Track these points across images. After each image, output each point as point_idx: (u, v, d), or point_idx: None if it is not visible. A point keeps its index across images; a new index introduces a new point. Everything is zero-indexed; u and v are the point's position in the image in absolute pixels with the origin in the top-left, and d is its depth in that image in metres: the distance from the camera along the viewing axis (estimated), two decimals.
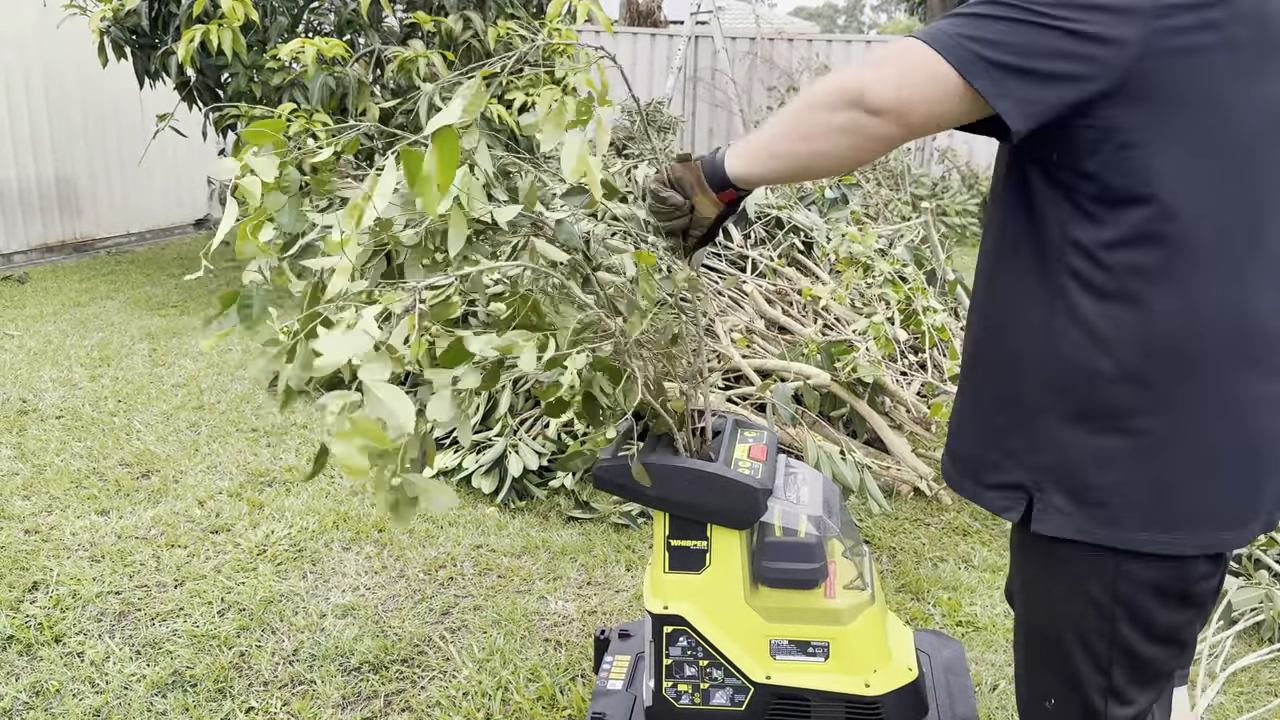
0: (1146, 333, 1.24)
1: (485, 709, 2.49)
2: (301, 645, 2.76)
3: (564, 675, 2.63)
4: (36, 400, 4.63)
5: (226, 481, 3.79)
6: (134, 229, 8.90)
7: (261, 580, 3.08)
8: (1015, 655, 1.51)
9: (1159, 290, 1.22)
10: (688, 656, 1.73)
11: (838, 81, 1.27)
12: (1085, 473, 1.30)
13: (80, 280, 7.26)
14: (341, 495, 3.68)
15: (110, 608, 2.93)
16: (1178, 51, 1.16)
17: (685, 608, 1.71)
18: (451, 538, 3.38)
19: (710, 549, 1.69)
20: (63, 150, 8.08)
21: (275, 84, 6.04)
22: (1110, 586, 1.32)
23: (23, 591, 2.99)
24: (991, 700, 2.57)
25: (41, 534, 3.35)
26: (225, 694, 2.55)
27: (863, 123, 1.24)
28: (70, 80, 7.95)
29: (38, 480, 3.77)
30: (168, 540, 3.32)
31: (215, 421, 4.43)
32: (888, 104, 1.22)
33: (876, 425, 3.94)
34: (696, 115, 12.29)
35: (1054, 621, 1.41)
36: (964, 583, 3.15)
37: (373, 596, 3.01)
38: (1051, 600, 1.41)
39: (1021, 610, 1.49)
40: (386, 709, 2.51)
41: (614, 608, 2.98)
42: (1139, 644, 1.35)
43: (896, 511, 3.65)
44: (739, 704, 1.73)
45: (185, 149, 8.85)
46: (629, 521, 3.48)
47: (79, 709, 2.47)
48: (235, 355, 5.41)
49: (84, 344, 5.59)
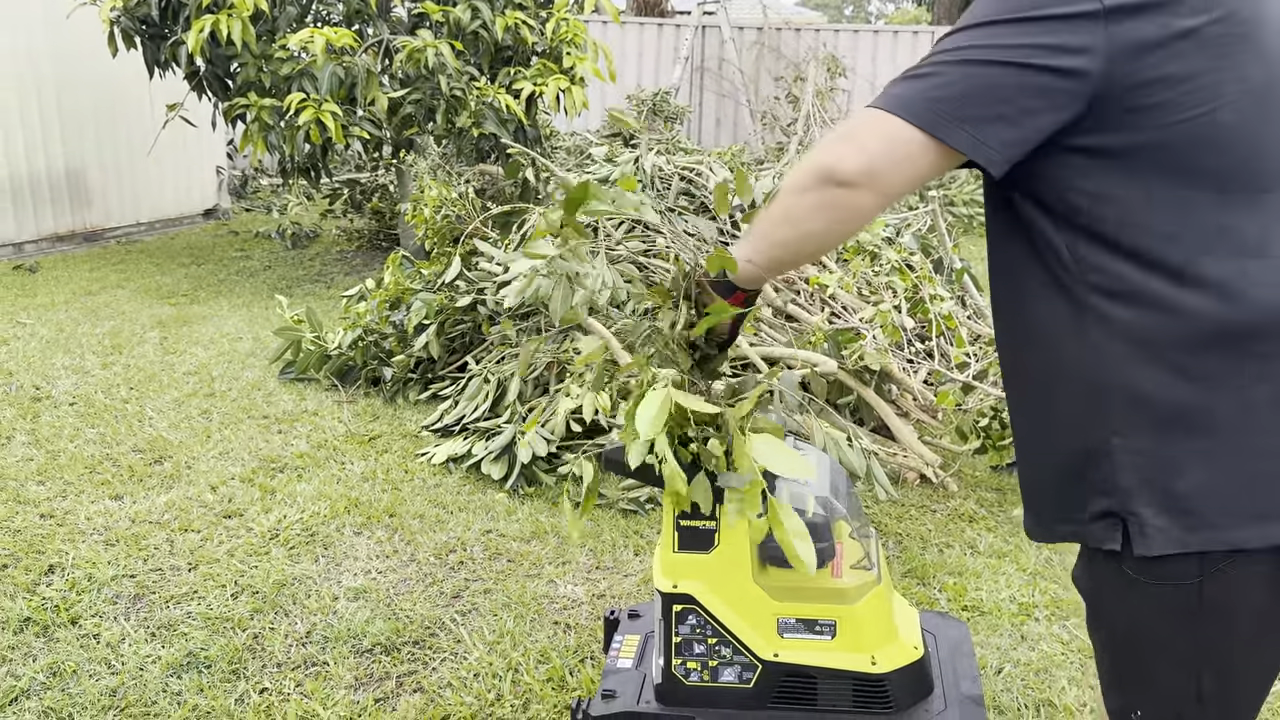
0: (1187, 326, 1.20)
1: (496, 689, 2.53)
2: (314, 627, 2.79)
3: (573, 657, 2.66)
4: (49, 387, 4.68)
5: (238, 467, 3.83)
6: (143, 219, 8.94)
7: (274, 564, 3.11)
8: (1099, 667, 1.43)
9: (1188, 282, 1.19)
10: (696, 635, 1.76)
11: (810, 162, 1.28)
12: (1169, 483, 1.23)
13: (90, 269, 7.30)
14: (352, 481, 3.71)
15: (125, 590, 2.97)
16: (1142, 55, 1.15)
17: (694, 587, 1.74)
18: (461, 523, 3.41)
19: (719, 529, 1.72)
20: (72, 141, 8.12)
21: (284, 74, 6.07)
22: (1198, 590, 1.25)
23: (39, 574, 3.03)
24: (996, 683, 2.59)
25: (56, 518, 3.39)
26: (239, 675, 2.59)
27: (838, 197, 1.26)
28: (80, 70, 7.98)
29: (52, 466, 3.81)
30: (181, 525, 3.36)
31: (227, 408, 4.46)
32: (858, 175, 1.23)
33: (883, 413, 3.96)
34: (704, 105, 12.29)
35: (1135, 633, 1.34)
36: (969, 568, 3.17)
37: (384, 580, 3.05)
38: (1132, 611, 1.33)
39: (1105, 622, 1.40)
40: (398, 689, 2.54)
41: (622, 591, 3.01)
42: (1228, 648, 1.29)
43: (903, 498, 3.67)
44: (747, 681, 1.75)
45: (195, 139, 8.90)
46: (637, 507, 3.51)
47: (95, 689, 2.50)
48: (246, 344, 5.45)
49: (95, 332, 5.63)
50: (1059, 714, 2.47)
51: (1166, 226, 1.20)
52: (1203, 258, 1.19)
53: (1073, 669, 2.67)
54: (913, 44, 11.26)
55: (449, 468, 3.84)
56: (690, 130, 12.13)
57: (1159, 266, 1.20)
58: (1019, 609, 2.95)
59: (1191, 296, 1.20)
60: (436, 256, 5.21)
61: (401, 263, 5.11)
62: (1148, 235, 1.20)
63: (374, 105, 6.13)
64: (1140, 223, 1.21)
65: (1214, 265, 1.19)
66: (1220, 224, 1.20)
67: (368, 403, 4.57)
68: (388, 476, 3.77)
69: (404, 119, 6.41)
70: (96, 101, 8.25)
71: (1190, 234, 1.20)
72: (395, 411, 4.47)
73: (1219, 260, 1.19)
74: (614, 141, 7.78)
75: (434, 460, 3.87)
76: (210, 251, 8.15)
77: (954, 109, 1.19)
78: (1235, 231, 1.20)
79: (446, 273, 4.65)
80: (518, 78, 6.57)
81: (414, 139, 6.90)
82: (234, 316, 6.06)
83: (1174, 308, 1.20)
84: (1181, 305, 1.20)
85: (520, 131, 6.59)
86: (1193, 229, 1.20)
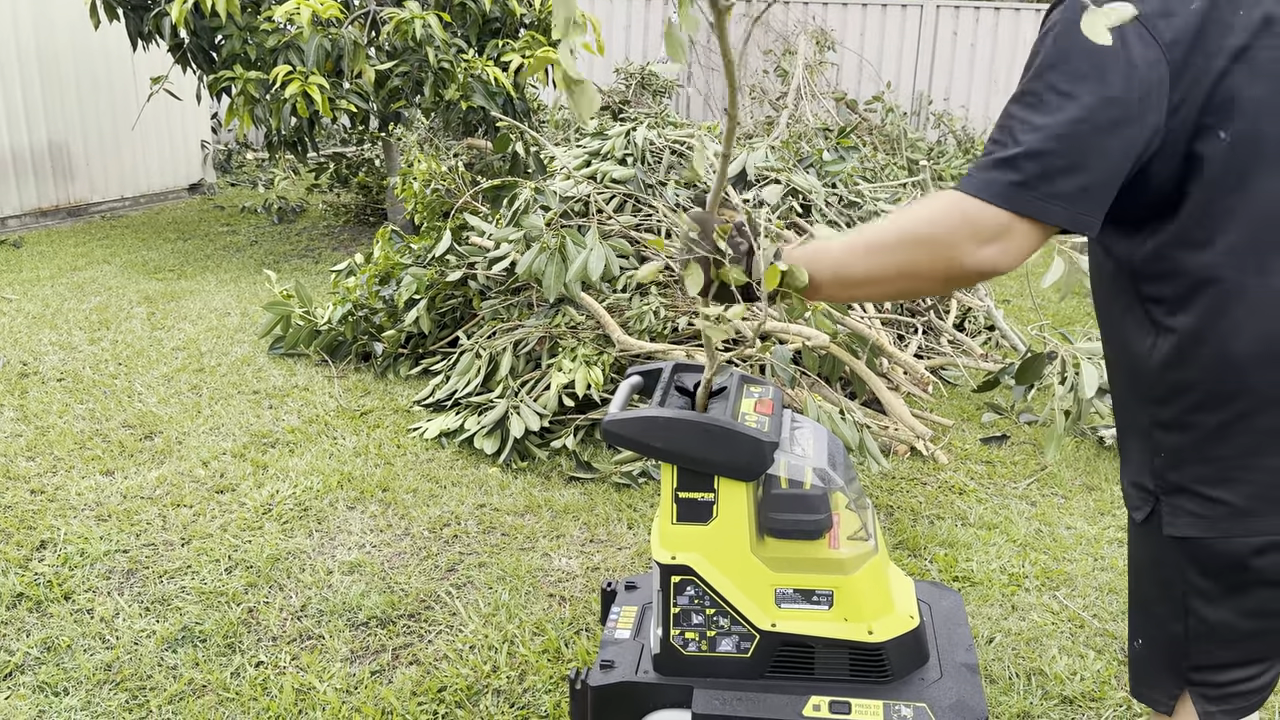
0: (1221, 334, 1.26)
1: (492, 661, 2.54)
2: (309, 601, 2.80)
3: (569, 629, 2.67)
4: (37, 363, 4.64)
5: (230, 442, 3.82)
6: (128, 193, 8.85)
7: (268, 539, 3.11)
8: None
9: (1219, 288, 1.25)
10: (695, 605, 1.77)
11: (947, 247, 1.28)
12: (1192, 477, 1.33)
13: (76, 245, 7.23)
14: (345, 456, 3.71)
15: (118, 565, 2.96)
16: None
17: (693, 558, 1.75)
18: (455, 497, 3.41)
19: (718, 501, 1.72)
20: (55, 114, 8.01)
21: (270, 46, 6.00)
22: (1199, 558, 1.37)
23: (31, 550, 3.02)
24: (988, 653, 2.62)
25: (47, 494, 3.38)
26: (234, 649, 2.59)
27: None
28: (62, 42, 7.87)
29: (41, 442, 3.79)
30: (173, 500, 3.35)
31: (216, 384, 4.44)
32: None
33: (874, 386, 3.97)
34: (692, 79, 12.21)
35: (1139, 578, 1.48)
36: (960, 539, 3.19)
37: (378, 554, 3.05)
38: (1139, 564, 1.47)
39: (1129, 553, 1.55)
40: (394, 662, 2.55)
41: (617, 564, 3.02)
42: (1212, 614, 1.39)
43: (894, 471, 3.69)
44: (745, 651, 1.77)
45: (179, 112, 8.80)
46: (630, 481, 3.51)
47: (90, 664, 2.50)
48: (234, 319, 5.42)
49: (82, 308, 5.59)
50: (1049, 682, 2.50)
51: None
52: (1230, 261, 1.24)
53: (1063, 638, 2.70)
54: (901, 18, 11.20)
55: (441, 442, 3.84)
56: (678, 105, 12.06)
57: (1185, 273, 1.27)
58: (1009, 579, 2.97)
59: (1221, 301, 1.27)
60: (426, 231, 5.18)
61: (391, 237, 5.08)
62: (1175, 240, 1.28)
63: (361, 78, 6.07)
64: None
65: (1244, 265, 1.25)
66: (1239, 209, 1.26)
67: (358, 378, 4.55)
68: (380, 451, 3.76)
69: (391, 92, 6.35)
70: (79, 74, 8.14)
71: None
72: (386, 387, 4.46)
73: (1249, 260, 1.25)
74: (603, 115, 7.73)
75: (426, 435, 3.87)
76: (196, 226, 8.08)
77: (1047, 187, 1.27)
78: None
79: (436, 247, 4.63)
80: (506, 50, 6.51)
81: (401, 112, 6.84)
82: (222, 292, 6.02)
83: (1208, 312, 1.27)
84: (1217, 311, 1.26)
85: (509, 104, 6.55)
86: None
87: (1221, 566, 1.33)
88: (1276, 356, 1.25)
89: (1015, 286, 6.43)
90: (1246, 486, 1.29)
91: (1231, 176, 1.21)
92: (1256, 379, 1.26)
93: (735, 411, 1.74)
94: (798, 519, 1.72)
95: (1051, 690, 2.47)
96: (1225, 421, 1.28)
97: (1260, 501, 1.29)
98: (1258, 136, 1.20)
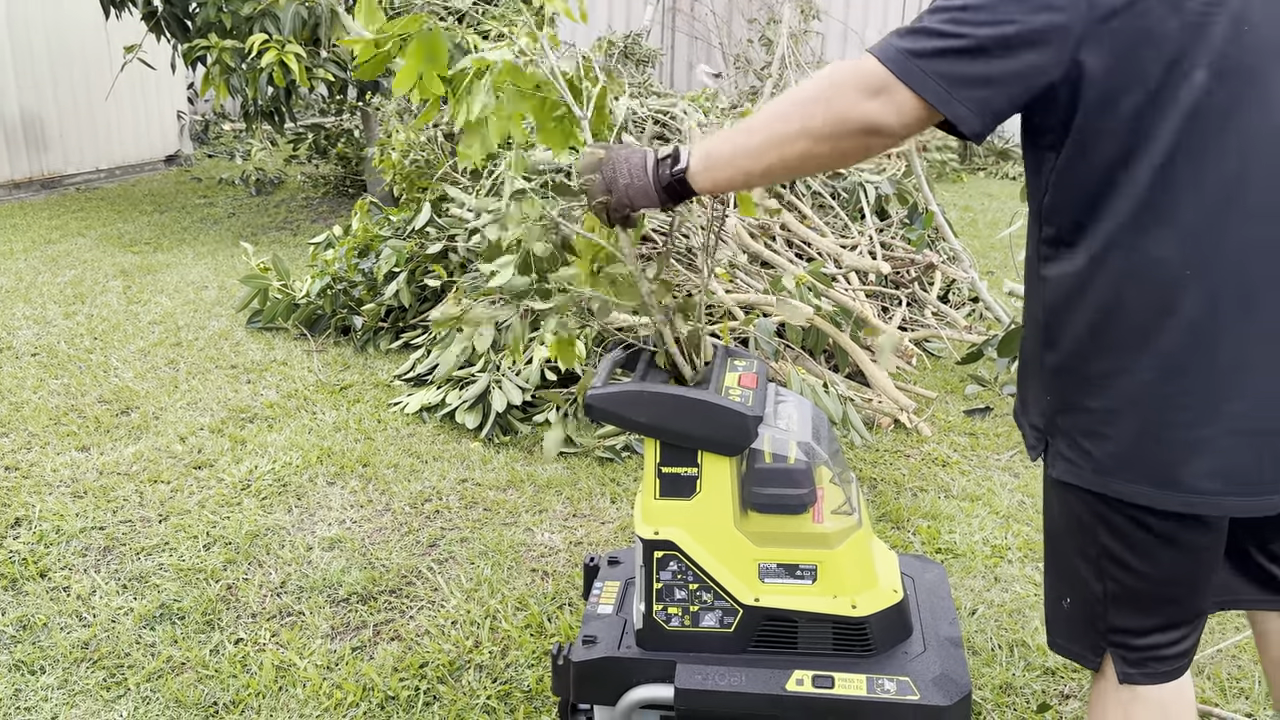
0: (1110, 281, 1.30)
1: (474, 636, 2.52)
2: (289, 578, 2.77)
3: (551, 604, 2.66)
4: (10, 338, 4.57)
5: (207, 418, 3.77)
6: (103, 165, 8.72)
7: (246, 515, 3.08)
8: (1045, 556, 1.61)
9: (1121, 241, 1.27)
10: (678, 580, 1.75)
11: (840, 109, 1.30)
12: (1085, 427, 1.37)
13: (50, 217, 7.12)
14: (324, 431, 3.67)
15: (94, 542, 2.93)
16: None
17: (676, 533, 1.73)
18: (436, 472, 3.38)
19: (701, 475, 1.70)
20: (27, 83, 7.87)
21: (245, 14, 5.89)
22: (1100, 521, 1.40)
23: (5, 527, 2.98)
24: (970, 625, 2.62)
25: (22, 470, 3.33)
26: (214, 625, 2.56)
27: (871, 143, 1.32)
28: (33, 10, 7.71)
29: (15, 417, 3.74)
30: (150, 476, 3.31)
31: (194, 358, 4.39)
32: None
33: (858, 358, 3.96)
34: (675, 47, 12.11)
35: (1056, 534, 1.52)
36: (943, 511, 3.19)
37: (359, 530, 3.03)
38: (1053, 518, 1.51)
39: (1045, 522, 1.58)
40: (376, 638, 2.53)
41: (600, 539, 3.01)
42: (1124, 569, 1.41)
43: (877, 444, 3.68)
44: (728, 625, 1.75)
45: (154, 82, 8.66)
46: (613, 455, 3.49)
47: (67, 641, 2.47)
48: (212, 293, 5.35)
49: (56, 281, 5.50)
50: (1031, 654, 2.51)
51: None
52: (1146, 217, 1.28)
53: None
54: None
55: (422, 417, 3.81)
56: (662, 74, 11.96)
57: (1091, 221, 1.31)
58: (992, 551, 2.97)
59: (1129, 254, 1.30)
60: (405, 203, 5.11)
61: (370, 209, 5.01)
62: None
63: (338, 46, 5.97)
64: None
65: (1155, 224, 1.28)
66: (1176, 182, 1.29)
67: (338, 352, 4.51)
68: (360, 426, 3.73)
69: None
70: (50, 43, 7.99)
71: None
72: (366, 361, 4.41)
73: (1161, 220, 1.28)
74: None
75: (407, 409, 3.83)
76: (173, 198, 7.97)
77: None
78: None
79: (416, 219, 4.57)
80: (486, 16, 6.41)
81: (380, 81, 6.75)
82: (199, 265, 5.94)
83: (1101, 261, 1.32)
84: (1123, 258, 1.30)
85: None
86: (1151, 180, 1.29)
87: (1122, 525, 1.37)
88: (1149, 317, 1.27)
89: (999, 258, 6.42)
90: (1109, 444, 1.33)
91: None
92: (1123, 338, 1.29)
93: (719, 385, 1.72)
94: (782, 493, 1.71)
95: (1034, 661, 2.48)
96: (1094, 375, 1.33)
97: (1118, 463, 1.33)
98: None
